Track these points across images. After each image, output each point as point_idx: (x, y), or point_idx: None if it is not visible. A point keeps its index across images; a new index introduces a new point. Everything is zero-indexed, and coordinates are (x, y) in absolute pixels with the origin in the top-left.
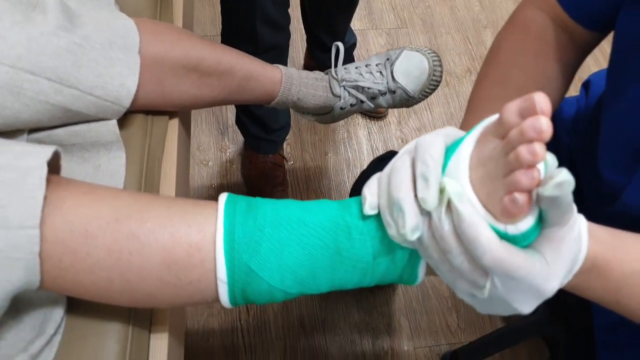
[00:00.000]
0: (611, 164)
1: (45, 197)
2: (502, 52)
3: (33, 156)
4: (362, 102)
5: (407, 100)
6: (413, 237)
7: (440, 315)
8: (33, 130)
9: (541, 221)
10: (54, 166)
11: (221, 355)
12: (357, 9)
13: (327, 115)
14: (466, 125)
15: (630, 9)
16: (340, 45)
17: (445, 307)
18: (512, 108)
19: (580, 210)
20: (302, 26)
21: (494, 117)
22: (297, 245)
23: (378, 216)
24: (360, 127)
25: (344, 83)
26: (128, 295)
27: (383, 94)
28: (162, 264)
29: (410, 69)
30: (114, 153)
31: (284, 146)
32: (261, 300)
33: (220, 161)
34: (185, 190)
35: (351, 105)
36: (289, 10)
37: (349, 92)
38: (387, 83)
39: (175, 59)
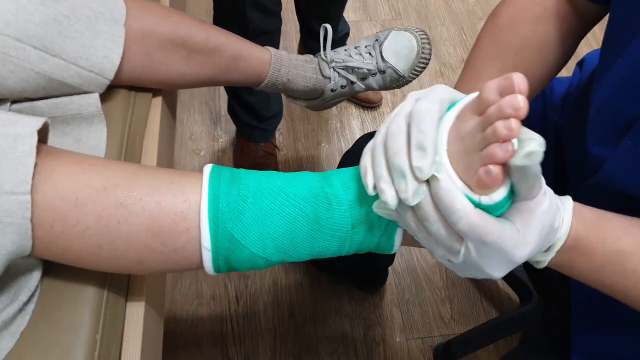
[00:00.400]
0: (599, 138)
1: (35, 165)
2: (500, 15)
3: (22, 124)
4: (352, 83)
5: (398, 80)
6: (415, 201)
7: (433, 306)
8: (15, 101)
9: (512, 194)
10: (42, 137)
11: (210, 344)
12: (351, 0)
13: (317, 99)
14: (462, 83)
15: None
16: (329, 27)
17: (439, 298)
18: (492, 86)
19: (563, 187)
20: (296, 17)
21: (474, 95)
22: (278, 215)
23: (357, 187)
24: (353, 117)
25: (333, 64)
26: (116, 261)
27: (373, 74)
28: (148, 232)
29: (399, 48)
30: (95, 127)
31: (277, 135)
32: (244, 267)
33: (212, 150)
34: (168, 154)
35: (342, 87)
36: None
37: (338, 73)
38: (377, 63)
39: (164, 34)
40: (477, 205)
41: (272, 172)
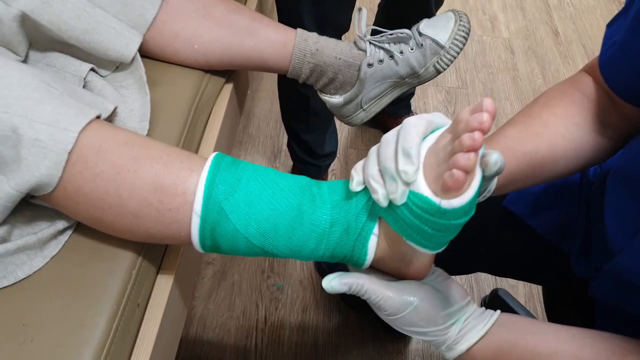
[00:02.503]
0: (617, 224)
1: (89, 123)
2: (542, 95)
3: (100, 106)
4: (390, 56)
5: (439, 53)
6: (402, 201)
7: None
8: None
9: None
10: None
11: (232, 356)
12: None
13: (354, 88)
14: (488, 140)
15: None
16: (364, 9)
17: None
18: (466, 109)
19: (585, 261)
20: None
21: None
22: (266, 200)
23: (341, 193)
24: None
25: (368, 38)
26: (116, 211)
27: (411, 48)
28: (151, 186)
29: (435, 23)
30: (144, 99)
31: (330, 176)
32: (226, 244)
33: None
34: (226, 151)
35: (379, 61)
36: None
37: (375, 45)
38: (414, 38)
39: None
40: (437, 208)
41: (270, 168)
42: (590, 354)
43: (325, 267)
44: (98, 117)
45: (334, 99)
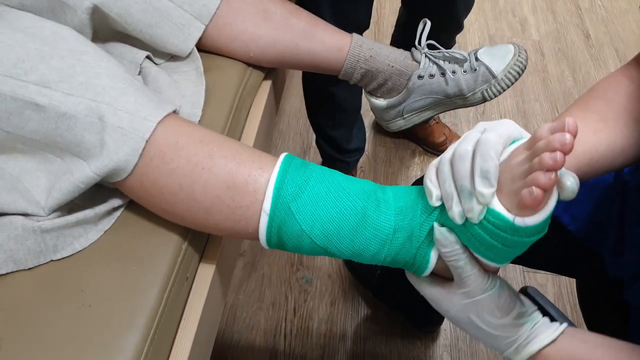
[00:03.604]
0: None
1: (167, 116)
2: (595, 87)
3: (175, 101)
4: (442, 74)
5: (490, 82)
6: (478, 220)
7: (485, 359)
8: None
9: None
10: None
11: (261, 347)
12: None
13: (400, 95)
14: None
15: None
16: (428, 21)
17: (493, 354)
18: (546, 126)
19: (619, 262)
20: None
21: (528, 136)
22: (331, 202)
23: (406, 199)
24: None
25: (425, 50)
26: (189, 205)
27: (464, 70)
28: (223, 184)
29: (494, 52)
30: (198, 87)
31: (358, 173)
32: (291, 243)
33: None
34: (264, 144)
35: (430, 75)
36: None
37: (429, 59)
38: (470, 62)
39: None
40: (511, 225)
41: (337, 171)
42: None
43: (355, 263)
44: (174, 112)
45: (378, 102)
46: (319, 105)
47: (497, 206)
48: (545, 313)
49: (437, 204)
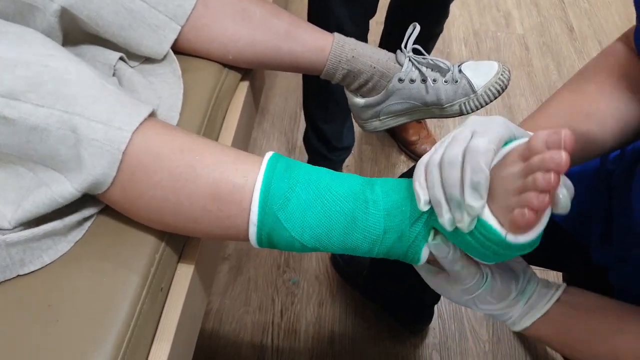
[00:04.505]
0: None
1: (142, 123)
2: (586, 68)
3: (148, 104)
4: (423, 80)
5: (469, 97)
6: (469, 230)
7: (474, 357)
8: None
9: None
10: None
11: (248, 351)
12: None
13: (379, 95)
14: (531, 119)
15: None
16: (417, 26)
17: (482, 351)
18: (541, 136)
19: (606, 249)
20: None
21: (524, 140)
22: (319, 207)
23: (395, 197)
24: None
25: (409, 54)
26: (176, 217)
27: (445, 80)
28: (209, 195)
29: (478, 67)
30: (175, 90)
31: (344, 172)
32: (282, 246)
33: None
34: (242, 146)
35: (411, 80)
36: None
37: (413, 63)
38: (452, 73)
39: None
40: (502, 240)
41: (323, 168)
42: None
43: (341, 262)
44: (152, 114)
45: (357, 99)
46: (314, 93)
47: (489, 218)
48: None
49: (426, 208)
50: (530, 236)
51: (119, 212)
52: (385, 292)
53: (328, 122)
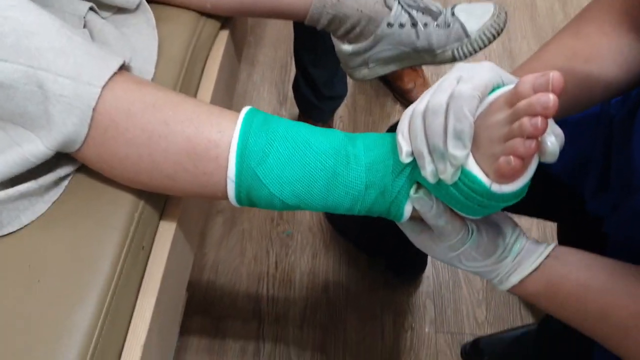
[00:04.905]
0: None
1: (112, 76)
2: (587, 9)
3: (119, 54)
4: (414, 24)
5: (462, 42)
6: (452, 181)
7: (468, 305)
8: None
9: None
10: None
11: (244, 301)
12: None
13: (367, 41)
14: (526, 65)
15: None
16: None
17: (476, 299)
18: (528, 80)
19: (602, 196)
20: None
21: (511, 86)
22: (299, 163)
23: (377, 152)
24: None
25: None
26: (151, 174)
27: (437, 24)
28: (183, 151)
29: (472, 9)
30: (150, 41)
31: (337, 122)
32: (263, 204)
33: None
34: (224, 100)
35: (400, 25)
36: None
37: (403, 7)
38: (445, 16)
39: None
40: (487, 190)
41: (303, 123)
42: None
43: (335, 216)
44: (123, 66)
45: (344, 46)
46: (303, 35)
47: (474, 168)
48: None
49: (407, 160)
50: (516, 186)
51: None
52: (379, 244)
53: (317, 66)
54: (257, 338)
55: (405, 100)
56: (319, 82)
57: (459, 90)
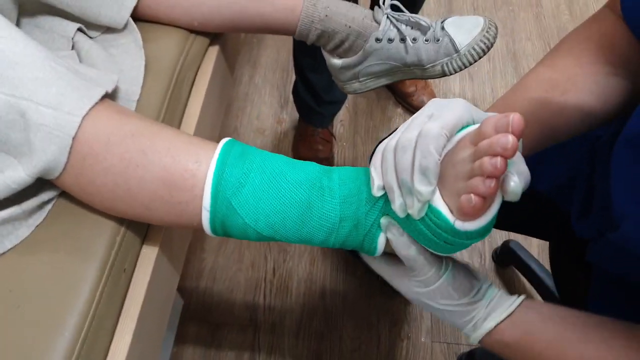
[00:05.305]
0: (625, 188)
1: (93, 107)
2: (565, 40)
3: (104, 80)
4: (402, 40)
5: (451, 56)
6: (419, 216)
7: None
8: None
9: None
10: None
11: (241, 307)
12: (437, 4)
13: (356, 56)
14: (503, 99)
15: None
16: None
17: None
18: (490, 121)
19: (587, 219)
20: None
21: (476, 126)
22: (274, 194)
23: (352, 186)
24: None
25: (387, 11)
26: (128, 202)
27: (426, 40)
28: (160, 180)
29: (462, 23)
30: (137, 62)
31: (337, 126)
32: (237, 234)
33: (275, 132)
34: (216, 114)
35: (389, 40)
36: None
37: (391, 21)
38: (434, 31)
39: None
40: (451, 227)
41: (280, 155)
42: (621, 346)
43: None
44: (106, 94)
45: (333, 60)
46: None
47: (439, 204)
48: (526, 267)
49: (379, 194)
50: (478, 224)
51: None
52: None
53: (316, 71)
54: (252, 346)
55: (407, 103)
56: (319, 87)
57: (427, 129)
